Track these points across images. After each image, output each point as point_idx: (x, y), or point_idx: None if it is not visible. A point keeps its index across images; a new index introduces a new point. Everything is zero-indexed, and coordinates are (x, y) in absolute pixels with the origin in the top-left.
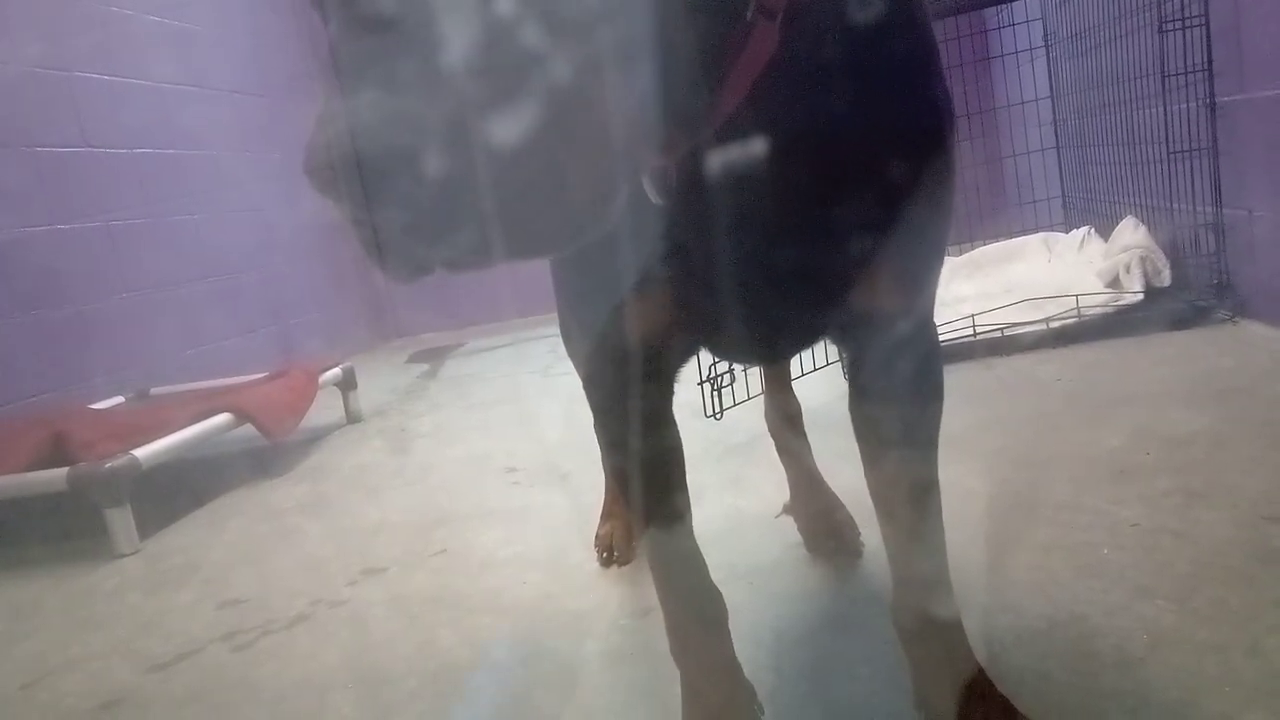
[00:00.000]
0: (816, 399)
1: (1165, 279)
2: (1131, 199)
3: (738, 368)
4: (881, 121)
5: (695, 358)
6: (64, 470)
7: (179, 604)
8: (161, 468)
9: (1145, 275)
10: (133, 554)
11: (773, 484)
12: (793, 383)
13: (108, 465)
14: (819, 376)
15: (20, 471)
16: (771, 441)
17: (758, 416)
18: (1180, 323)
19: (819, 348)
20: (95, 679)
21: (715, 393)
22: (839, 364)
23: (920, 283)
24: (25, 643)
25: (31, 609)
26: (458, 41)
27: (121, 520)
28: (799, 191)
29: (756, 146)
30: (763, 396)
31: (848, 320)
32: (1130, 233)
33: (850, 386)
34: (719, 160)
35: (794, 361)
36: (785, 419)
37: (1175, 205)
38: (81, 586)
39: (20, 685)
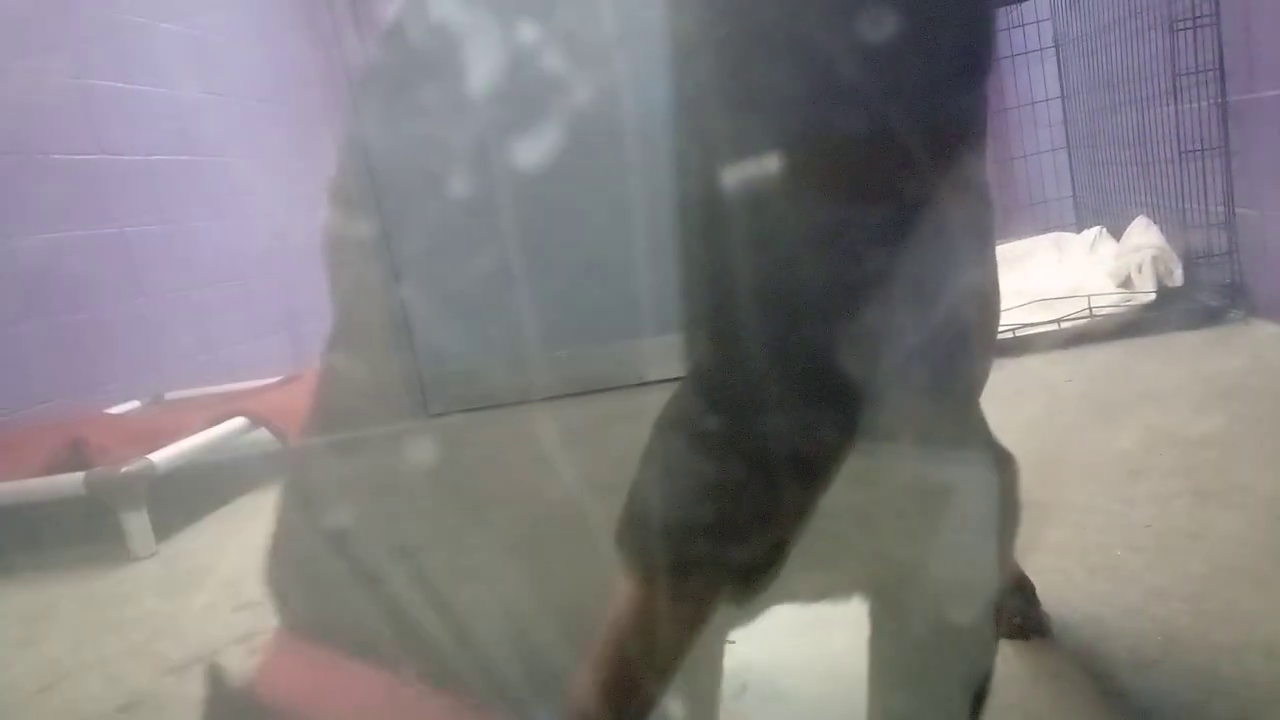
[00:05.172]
0: None
1: (1177, 279)
2: (1143, 199)
3: None
4: None
5: None
6: (80, 474)
7: (196, 607)
8: (177, 472)
9: (1157, 275)
10: (149, 557)
11: None
12: None
13: (124, 469)
14: None
15: (37, 476)
16: None
17: None
18: (1192, 323)
19: None
20: (112, 682)
21: None
22: None
23: None
24: (42, 646)
25: (48, 612)
26: None
27: (138, 524)
28: None
29: None
30: None
31: None
32: (1142, 233)
33: None
34: None
35: None
36: None
37: (1187, 205)
38: (98, 590)
39: (37, 688)
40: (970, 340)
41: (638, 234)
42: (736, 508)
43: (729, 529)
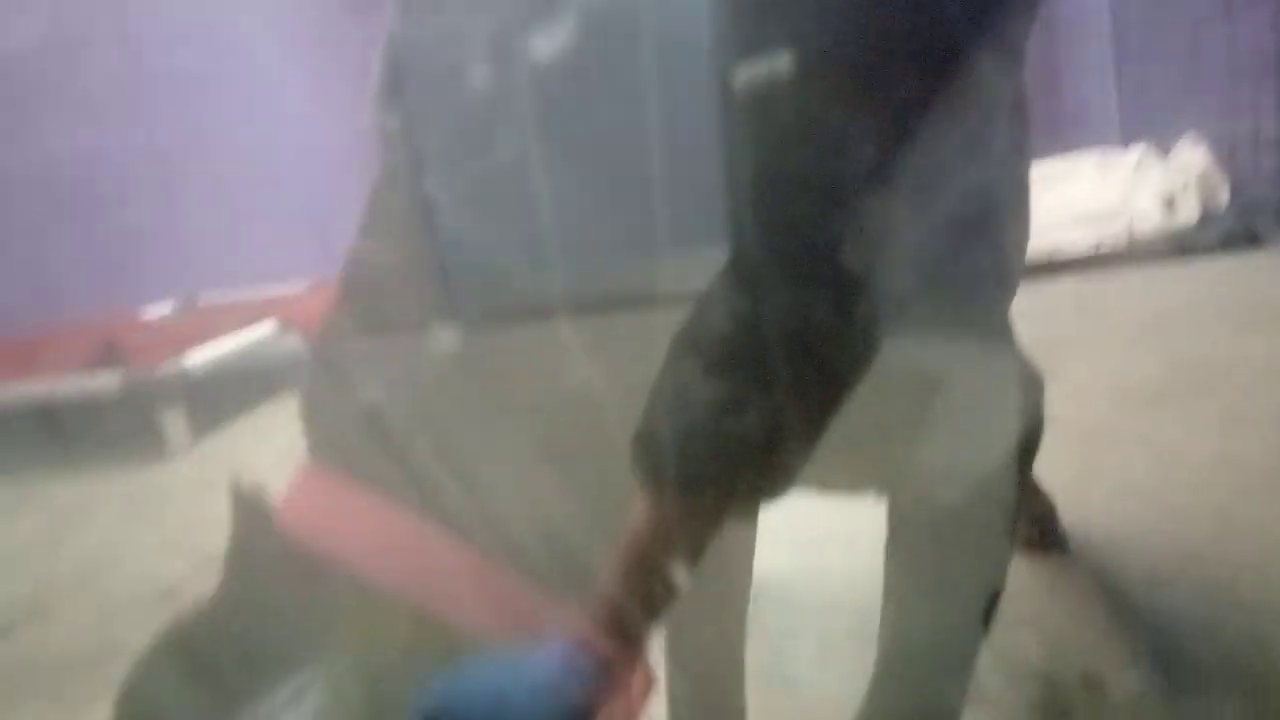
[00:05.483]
0: None
1: (1222, 200)
2: (1192, 116)
3: None
4: None
5: None
6: (118, 373)
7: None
8: (212, 373)
9: (1202, 196)
10: (184, 456)
11: None
12: None
13: (160, 370)
14: None
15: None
16: None
17: None
18: (1235, 246)
19: None
20: (151, 571)
21: None
22: None
23: None
24: (83, 537)
25: (87, 506)
26: None
27: (174, 423)
28: None
29: None
30: None
31: None
32: (1189, 151)
33: None
34: None
35: None
36: None
37: (1237, 124)
38: (135, 485)
39: (79, 576)
40: (999, 247)
41: (659, 137)
42: (748, 424)
43: (740, 445)
